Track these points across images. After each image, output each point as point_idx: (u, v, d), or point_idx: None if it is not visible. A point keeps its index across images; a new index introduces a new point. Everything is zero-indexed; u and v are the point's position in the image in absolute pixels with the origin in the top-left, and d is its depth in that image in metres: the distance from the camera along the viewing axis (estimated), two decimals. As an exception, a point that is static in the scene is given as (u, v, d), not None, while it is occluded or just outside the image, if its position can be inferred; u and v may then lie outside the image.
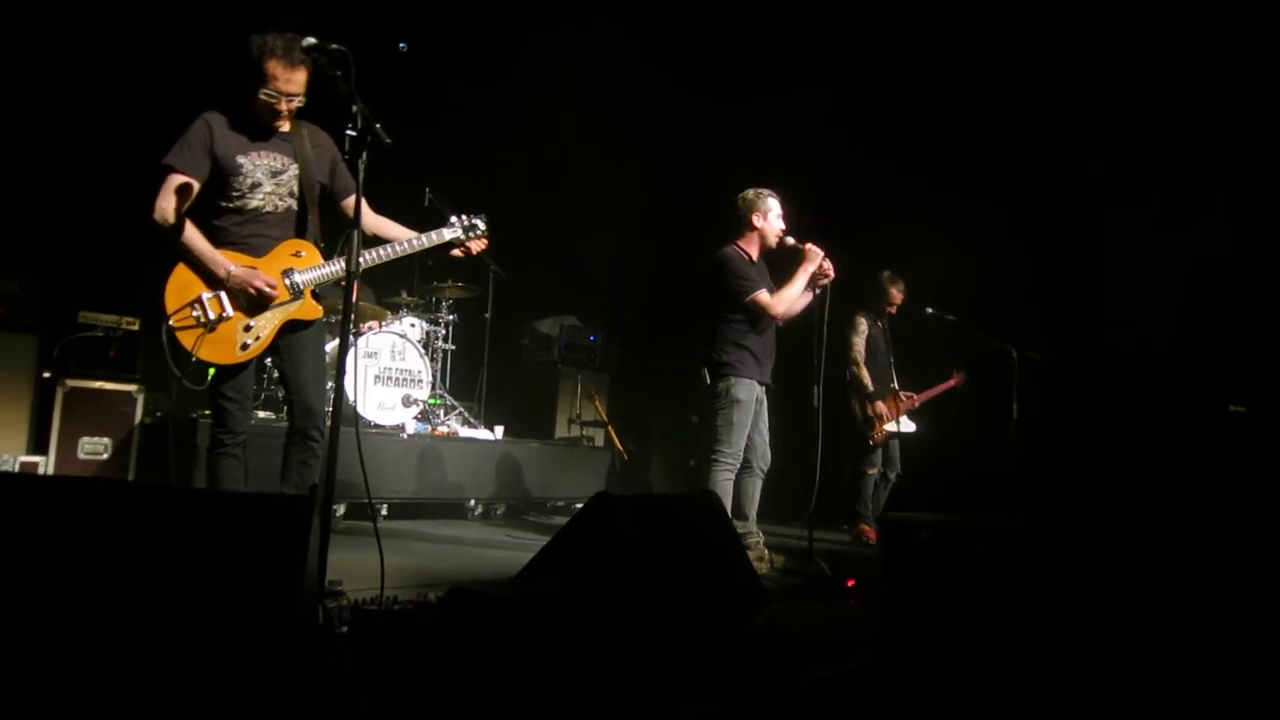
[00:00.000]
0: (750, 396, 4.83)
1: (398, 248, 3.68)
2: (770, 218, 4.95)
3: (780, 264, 4.98)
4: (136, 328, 5.80)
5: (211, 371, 3.52)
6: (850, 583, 4.41)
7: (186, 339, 3.37)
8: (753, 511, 4.95)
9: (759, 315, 4.84)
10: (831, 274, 4.84)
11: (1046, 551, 4.20)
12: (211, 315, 3.41)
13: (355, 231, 3.01)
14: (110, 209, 6.16)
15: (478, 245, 3.85)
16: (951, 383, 6.90)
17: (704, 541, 3.52)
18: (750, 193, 4.99)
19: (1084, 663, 3.22)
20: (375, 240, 3.73)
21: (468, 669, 2.35)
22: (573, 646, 2.43)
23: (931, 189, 7.22)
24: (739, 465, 4.83)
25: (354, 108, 3.00)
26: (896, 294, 6.74)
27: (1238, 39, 6.16)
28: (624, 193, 8.05)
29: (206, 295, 3.41)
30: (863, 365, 6.60)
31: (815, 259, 4.80)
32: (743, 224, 4.98)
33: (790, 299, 4.82)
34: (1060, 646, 3.44)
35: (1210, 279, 6.37)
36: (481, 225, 3.84)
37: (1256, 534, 4.26)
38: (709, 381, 4.88)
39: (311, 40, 3.10)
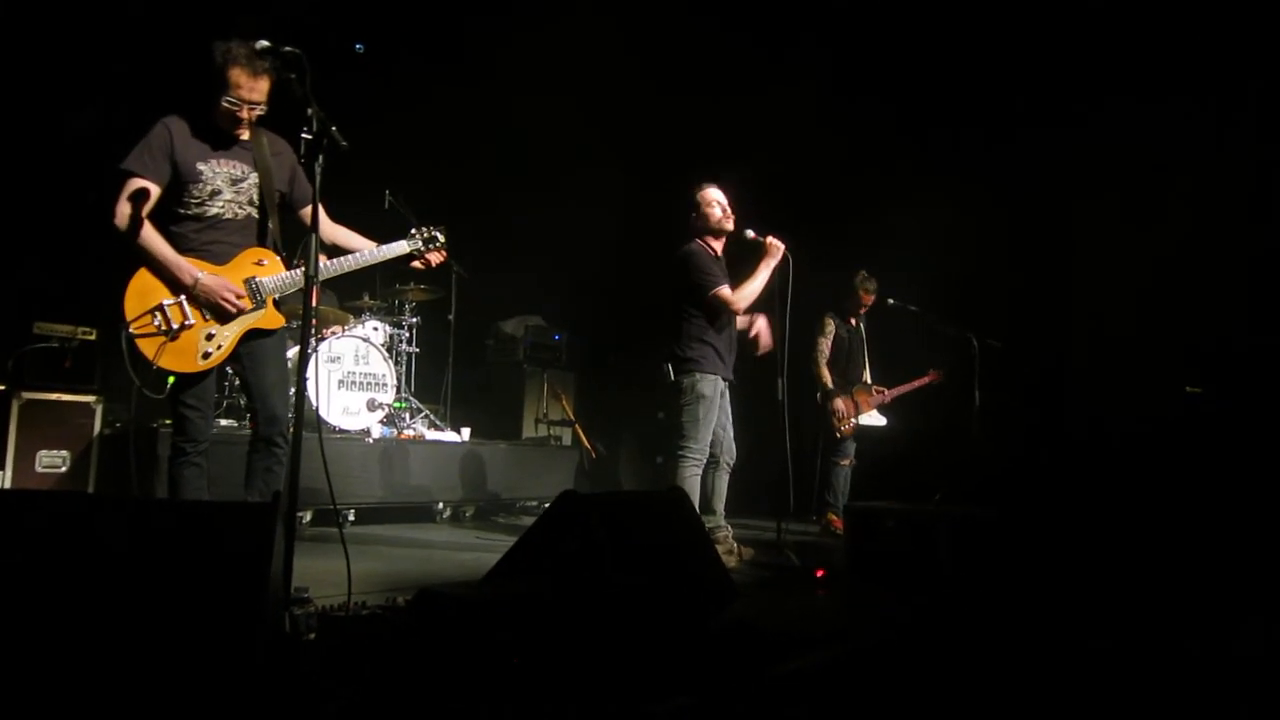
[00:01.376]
0: (715, 392, 4.86)
1: (357, 259, 3.65)
2: (704, 209, 4.99)
3: (744, 258, 5.01)
4: (93, 338, 5.70)
5: (171, 380, 3.48)
6: (819, 573, 4.44)
7: (147, 347, 3.33)
8: (720, 506, 4.98)
9: (720, 310, 4.87)
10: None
11: (1011, 539, 4.26)
12: (174, 323, 3.36)
13: (314, 236, 2.99)
14: (64, 216, 6.09)
15: (436, 258, 3.83)
16: (926, 379, 7.03)
17: (672, 537, 3.53)
18: (693, 189, 5.04)
19: (1051, 650, 3.27)
20: (335, 250, 3.71)
21: (438, 672, 2.35)
22: (543, 646, 2.43)
23: (895, 181, 7.29)
24: (705, 460, 4.86)
25: (309, 110, 2.98)
26: (866, 295, 6.89)
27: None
28: (586, 190, 8.04)
29: (168, 302, 3.37)
30: (824, 365, 6.79)
31: (777, 253, 4.83)
32: (692, 224, 5.03)
33: (752, 293, 4.86)
34: (1025, 634, 3.49)
35: (1170, 266, 6.50)
36: (441, 237, 3.82)
37: (1218, 514, 4.35)
38: (673, 378, 4.90)
39: (265, 43, 3.08)
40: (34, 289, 5.90)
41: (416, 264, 3.83)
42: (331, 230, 3.74)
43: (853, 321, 6.96)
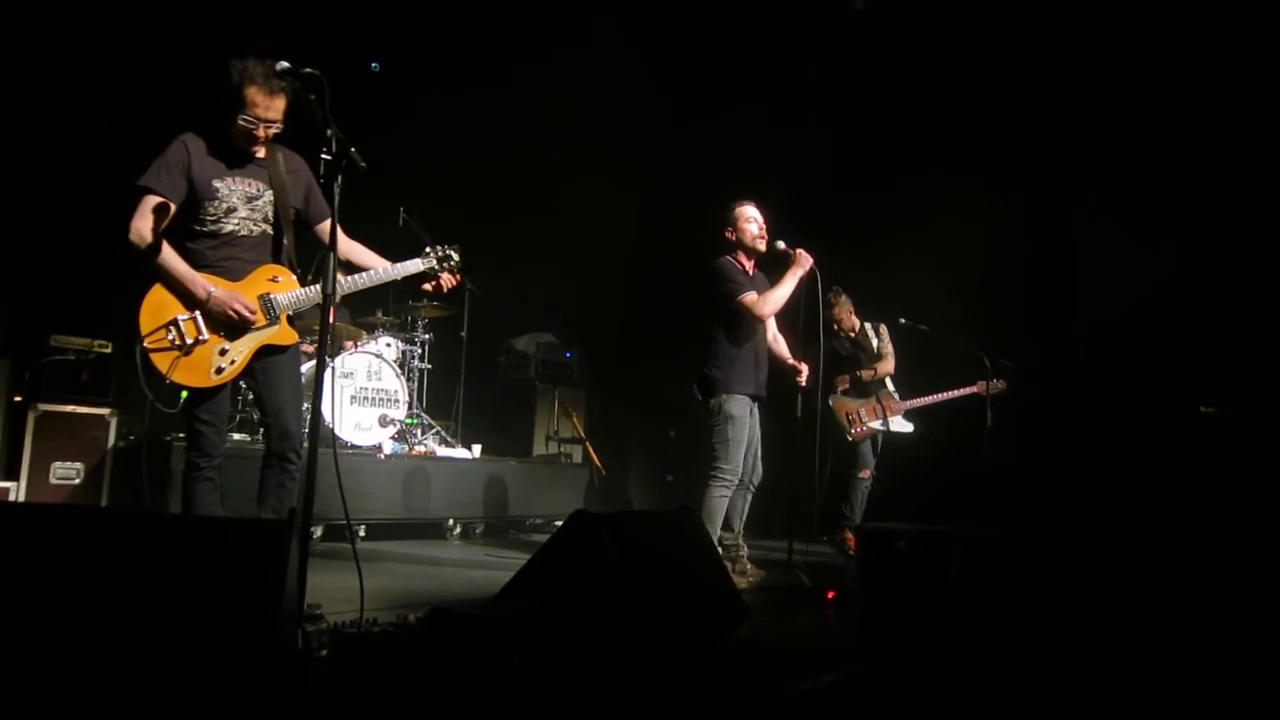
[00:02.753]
0: (743, 411, 4.85)
1: (371, 276, 3.65)
2: (740, 224, 4.99)
3: (769, 272, 5.05)
4: (109, 351, 5.74)
5: (184, 394, 3.50)
6: (830, 594, 4.43)
7: (161, 361, 3.35)
8: (738, 525, 4.97)
9: (744, 318, 4.86)
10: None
11: (1022, 559, 4.24)
12: (187, 338, 3.39)
13: (331, 254, 3.01)
14: (81, 230, 6.15)
15: (449, 280, 3.81)
16: (973, 388, 6.79)
17: (683, 556, 3.54)
18: (730, 205, 5.05)
19: (1062, 670, 3.25)
20: (349, 266, 3.72)
21: (450, 690, 2.35)
22: (554, 664, 2.43)
23: (905, 201, 7.30)
24: (737, 481, 4.82)
25: (328, 131, 3.00)
26: (839, 313, 6.81)
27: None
28: (600, 207, 8.08)
29: (182, 317, 3.39)
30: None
31: (805, 264, 4.83)
32: (724, 239, 5.04)
33: (777, 300, 4.84)
34: (1036, 654, 3.47)
35: (1180, 285, 6.48)
36: (455, 256, 3.80)
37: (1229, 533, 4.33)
38: (701, 398, 4.91)
39: (285, 64, 3.11)
40: (51, 301, 5.95)
41: (428, 286, 3.81)
42: (347, 247, 3.75)
43: (852, 333, 6.90)
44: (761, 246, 4.95)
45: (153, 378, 3.34)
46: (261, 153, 3.56)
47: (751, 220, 5.00)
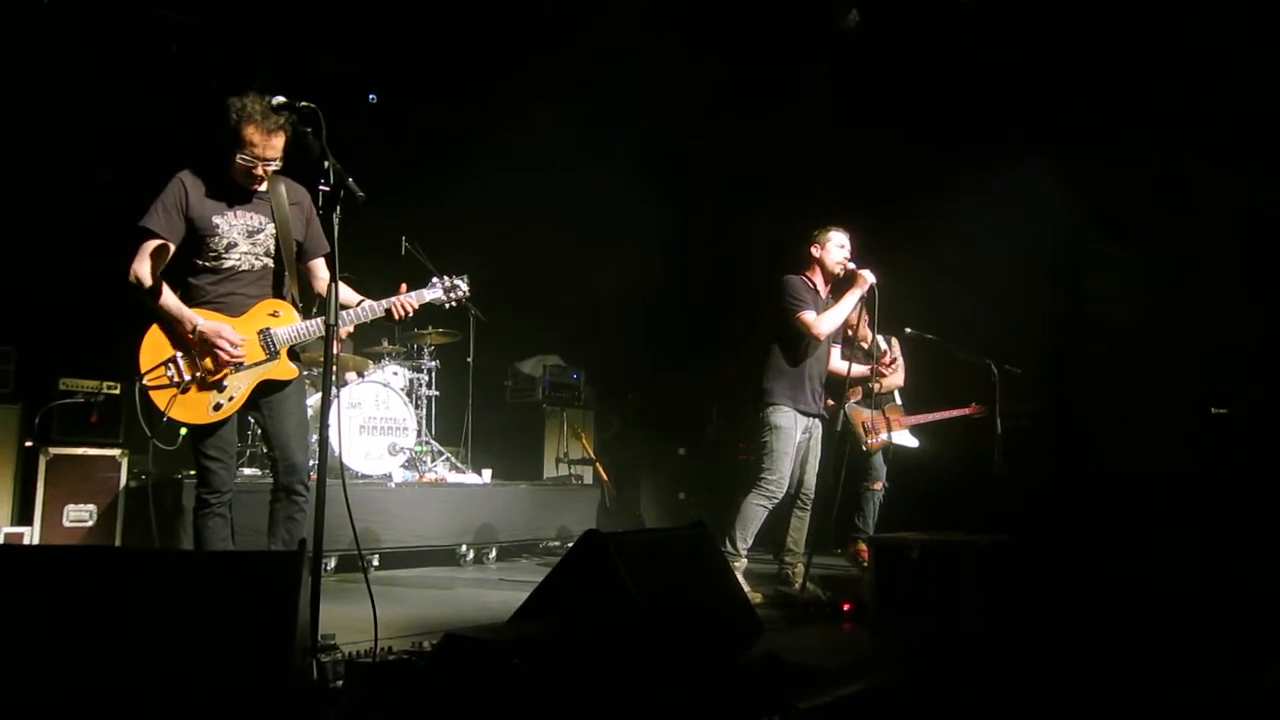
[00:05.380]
0: (791, 423, 4.93)
1: (378, 308, 3.64)
2: (829, 248, 5.08)
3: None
4: (118, 392, 5.77)
5: (184, 431, 3.52)
6: (847, 607, 4.41)
7: (159, 398, 3.37)
8: (791, 542, 5.08)
9: (804, 336, 4.95)
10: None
11: (1037, 568, 4.22)
12: (186, 376, 3.40)
13: (332, 286, 3.03)
14: (86, 272, 6.18)
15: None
16: (968, 410, 6.87)
17: (697, 574, 3.52)
18: (817, 227, 5.15)
19: (1079, 678, 3.23)
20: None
21: (466, 715, 2.34)
22: (570, 685, 2.42)
23: (910, 210, 7.28)
24: (780, 494, 4.91)
25: (326, 164, 3.02)
26: (855, 319, 6.78)
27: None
28: (603, 228, 8.11)
29: (180, 355, 3.41)
30: None
31: (864, 285, 4.90)
32: (806, 255, 5.13)
33: (833, 320, 4.94)
34: (1052, 665, 3.45)
35: (1191, 287, 6.46)
36: (464, 287, 3.82)
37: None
38: (755, 411, 5.02)
39: (281, 99, 3.14)
40: (58, 345, 5.98)
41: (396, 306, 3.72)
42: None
43: (865, 343, 6.87)
44: (841, 272, 5.05)
45: (152, 415, 3.36)
46: (264, 185, 3.57)
47: (841, 246, 5.09)
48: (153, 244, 3.40)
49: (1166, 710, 2.84)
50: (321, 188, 3.08)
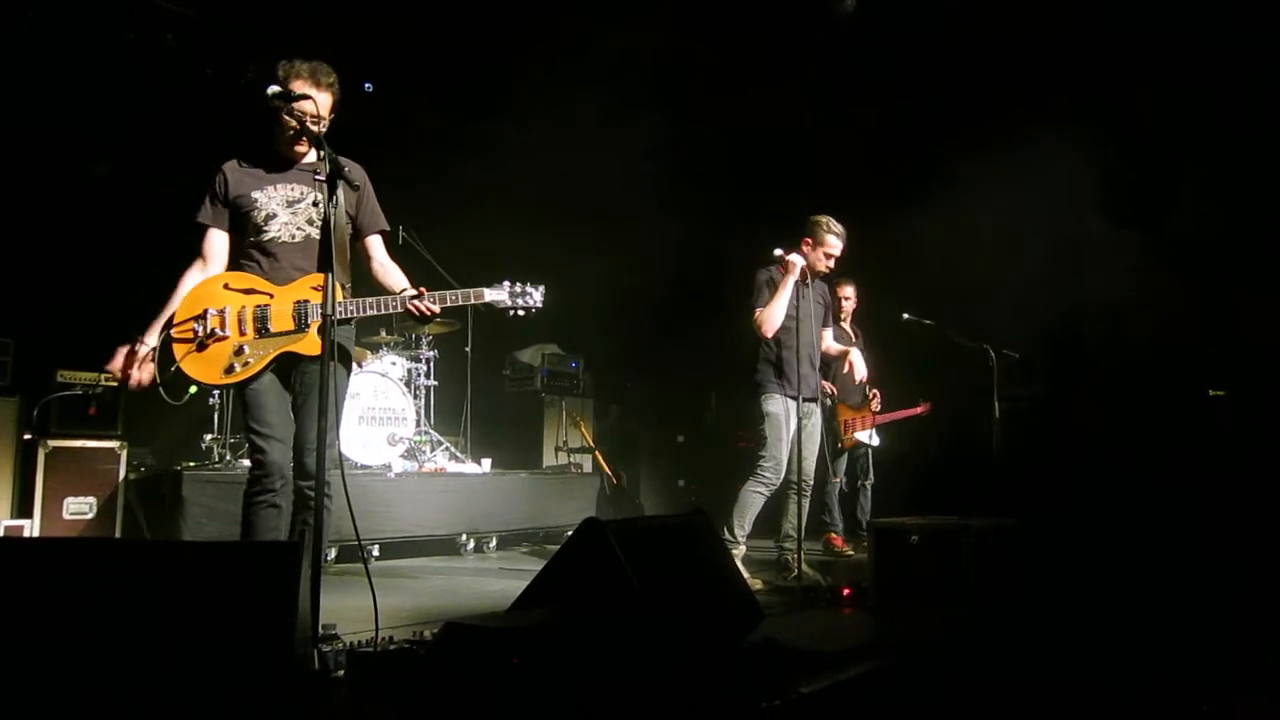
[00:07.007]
0: (781, 409, 4.99)
1: (450, 297, 3.51)
2: (820, 247, 5.07)
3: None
4: (116, 384, 5.76)
5: (192, 389, 3.50)
6: (846, 591, 4.42)
7: (177, 350, 3.37)
8: (789, 526, 5.08)
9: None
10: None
11: (1035, 551, 4.23)
12: (207, 328, 3.36)
13: (329, 273, 3.01)
14: (84, 263, 6.17)
15: (427, 308, 3.51)
16: (917, 410, 7.02)
17: (696, 560, 3.53)
18: (817, 217, 5.13)
19: (1078, 661, 3.24)
20: (380, 288, 3.63)
21: (467, 703, 2.35)
22: (570, 672, 2.43)
23: (905, 191, 7.26)
24: (778, 480, 4.95)
25: (320, 153, 3.02)
26: (843, 296, 6.85)
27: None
28: (602, 216, 8.09)
29: (212, 311, 3.39)
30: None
31: (792, 270, 4.90)
32: (799, 245, 5.10)
33: (772, 314, 4.95)
34: (1052, 648, 3.46)
35: (1182, 268, 6.46)
36: (537, 297, 3.64)
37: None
38: (751, 400, 5.11)
39: (276, 88, 3.13)
40: (56, 337, 5.96)
41: (412, 307, 3.49)
42: (382, 269, 3.68)
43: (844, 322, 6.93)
44: (820, 268, 5.11)
45: (164, 364, 3.37)
46: (310, 157, 3.53)
47: (831, 249, 5.07)
48: (209, 233, 3.51)
49: (1166, 689, 2.85)
50: (316, 178, 3.06)
